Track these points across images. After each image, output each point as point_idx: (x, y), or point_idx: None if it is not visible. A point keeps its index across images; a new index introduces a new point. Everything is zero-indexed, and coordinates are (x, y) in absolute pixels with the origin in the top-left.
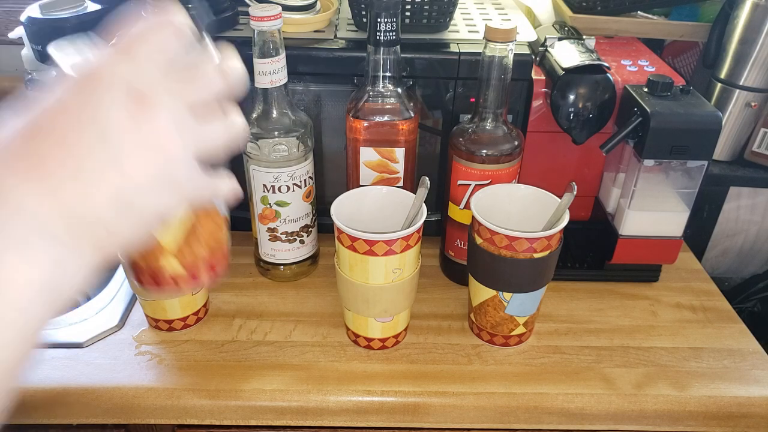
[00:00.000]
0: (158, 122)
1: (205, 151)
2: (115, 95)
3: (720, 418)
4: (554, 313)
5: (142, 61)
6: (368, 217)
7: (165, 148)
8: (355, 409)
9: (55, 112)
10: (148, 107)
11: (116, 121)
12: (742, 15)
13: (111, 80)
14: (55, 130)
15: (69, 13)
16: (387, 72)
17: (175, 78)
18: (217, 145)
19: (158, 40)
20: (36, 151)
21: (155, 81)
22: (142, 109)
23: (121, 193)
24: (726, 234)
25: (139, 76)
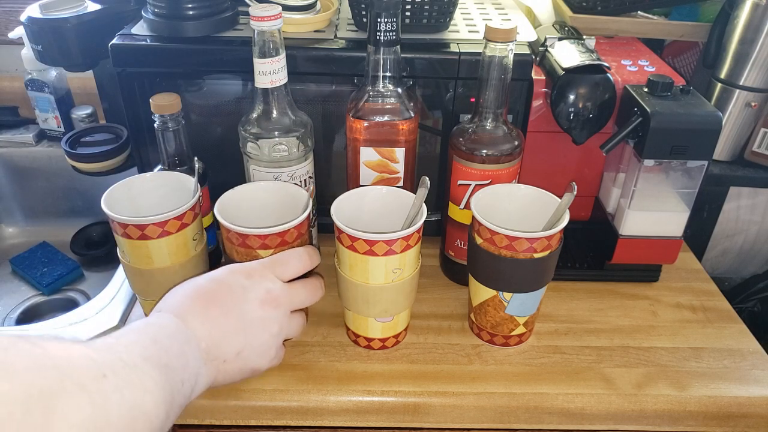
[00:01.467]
0: (276, 314)
1: (290, 335)
2: (258, 292)
3: (720, 418)
4: (554, 313)
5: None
6: (368, 217)
7: (272, 333)
8: (355, 409)
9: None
10: (273, 306)
11: (252, 306)
12: (742, 15)
13: (259, 282)
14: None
15: (69, 13)
16: (387, 72)
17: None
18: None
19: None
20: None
21: (281, 290)
22: (269, 306)
23: (242, 346)
24: (726, 234)
25: (273, 285)
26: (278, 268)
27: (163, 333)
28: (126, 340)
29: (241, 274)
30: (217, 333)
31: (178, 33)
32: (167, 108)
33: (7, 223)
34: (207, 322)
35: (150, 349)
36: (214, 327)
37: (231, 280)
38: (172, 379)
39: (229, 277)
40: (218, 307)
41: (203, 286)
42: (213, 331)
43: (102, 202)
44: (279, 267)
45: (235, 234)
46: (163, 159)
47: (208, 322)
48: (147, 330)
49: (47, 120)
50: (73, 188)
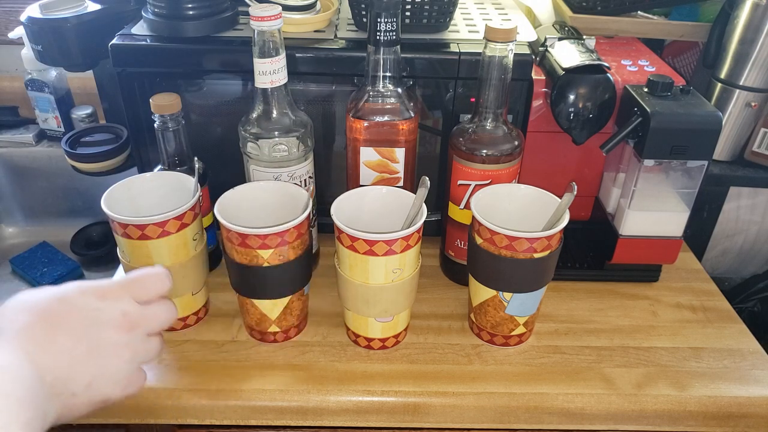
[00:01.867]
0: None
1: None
2: (113, 315)
3: (720, 418)
4: (554, 313)
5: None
6: (368, 217)
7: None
8: (355, 409)
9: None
10: (127, 330)
11: (106, 331)
12: (742, 15)
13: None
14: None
15: (69, 13)
16: (387, 72)
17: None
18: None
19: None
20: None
21: (138, 314)
22: (123, 330)
23: (92, 377)
24: (726, 234)
25: (130, 307)
26: (135, 289)
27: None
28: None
29: (93, 295)
30: (64, 365)
31: (178, 33)
32: (167, 108)
33: (7, 223)
34: (54, 353)
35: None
36: (61, 358)
37: (82, 303)
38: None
39: (79, 299)
40: (66, 334)
41: (51, 309)
42: (60, 362)
43: (102, 202)
44: (136, 287)
45: (235, 234)
46: (163, 159)
47: (54, 352)
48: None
49: (47, 120)
50: (73, 188)
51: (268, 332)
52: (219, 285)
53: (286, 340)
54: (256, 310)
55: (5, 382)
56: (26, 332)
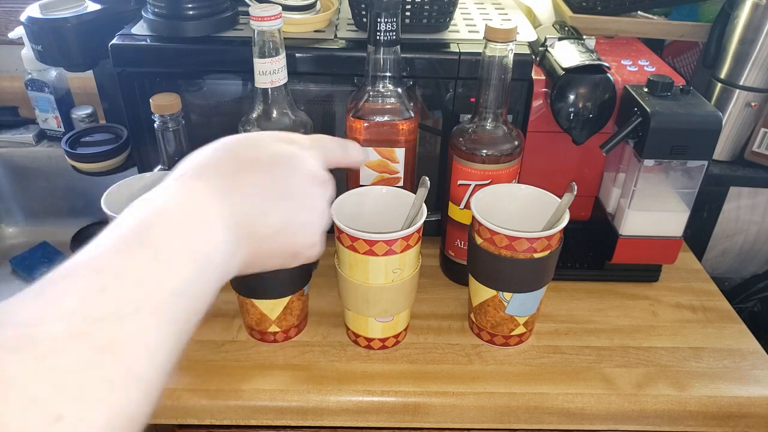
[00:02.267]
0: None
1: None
2: (311, 167)
3: (720, 418)
4: (554, 313)
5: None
6: (368, 217)
7: (321, 213)
8: (355, 409)
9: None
10: (319, 187)
11: (303, 181)
12: (742, 15)
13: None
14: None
15: (69, 13)
16: (387, 72)
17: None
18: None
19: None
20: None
21: (329, 178)
22: (316, 186)
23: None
24: (726, 234)
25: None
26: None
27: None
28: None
29: (282, 141)
30: (256, 201)
31: (178, 33)
32: (167, 108)
33: (7, 223)
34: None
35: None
36: (253, 195)
37: (276, 147)
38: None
39: (273, 143)
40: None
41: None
42: (251, 199)
43: (102, 201)
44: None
45: None
46: (163, 159)
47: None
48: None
49: (47, 120)
50: (73, 188)
51: (268, 332)
52: None
53: (286, 340)
54: (256, 310)
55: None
56: (214, 167)
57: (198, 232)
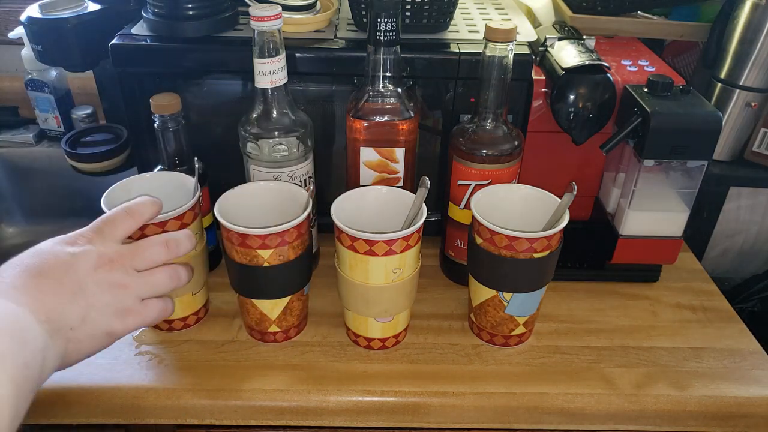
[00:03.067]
0: (114, 275)
1: (150, 293)
2: (88, 256)
3: (720, 418)
4: (554, 313)
5: (107, 239)
6: (368, 217)
7: (116, 294)
8: (355, 409)
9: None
10: (108, 266)
11: (85, 271)
12: (742, 15)
13: (86, 247)
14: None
15: (69, 13)
16: (387, 72)
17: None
18: (159, 288)
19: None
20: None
21: (114, 251)
22: (105, 267)
23: (85, 312)
24: (726, 234)
25: (104, 247)
26: (106, 229)
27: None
28: None
29: (66, 244)
30: (51, 301)
31: (178, 33)
32: (167, 108)
33: (7, 223)
34: (38, 292)
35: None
36: (47, 296)
37: (57, 250)
38: (14, 369)
39: (53, 248)
40: (47, 278)
41: (30, 262)
42: (46, 299)
43: (102, 202)
44: (107, 228)
45: (235, 234)
46: (163, 159)
47: (39, 292)
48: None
49: (47, 120)
50: (73, 188)
51: (268, 332)
52: (219, 285)
53: (286, 340)
54: (256, 310)
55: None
56: (11, 283)
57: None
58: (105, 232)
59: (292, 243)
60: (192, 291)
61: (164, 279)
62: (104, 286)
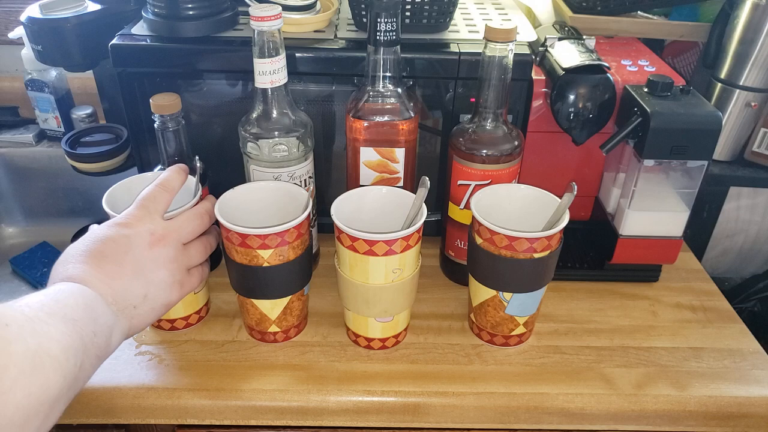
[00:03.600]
0: (166, 251)
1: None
2: (141, 236)
3: (720, 418)
4: (554, 313)
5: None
6: (368, 217)
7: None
8: (355, 409)
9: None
10: (161, 245)
11: (141, 251)
12: (742, 15)
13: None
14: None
15: (69, 13)
16: (387, 72)
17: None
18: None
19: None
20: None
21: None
22: (156, 244)
23: (146, 290)
24: (726, 234)
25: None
26: (151, 206)
27: (64, 294)
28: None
29: (120, 226)
30: (118, 285)
31: (178, 33)
32: (167, 108)
33: (7, 223)
34: (105, 277)
35: (53, 307)
36: (114, 280)
37: (113, 234)
38: (81, 331)
39: (110, 232)
40: (110, 262)
41: (90, 248)
42: (113, 284)
43: (103, 201)
44: (151, 204)
45: (235, 234)
46: (163, 159)
47: (106, 277)
48: (48, 293)
49: (47, 120)
50: (73, 188)
51: (268, 332)
52: (219, 285)
53: (286, 340)
54: (256, 310)
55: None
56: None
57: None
58: (150, 209)
59: (292, 243)
60: (194, 290)
61: (202, 249)
62: (159, 262)
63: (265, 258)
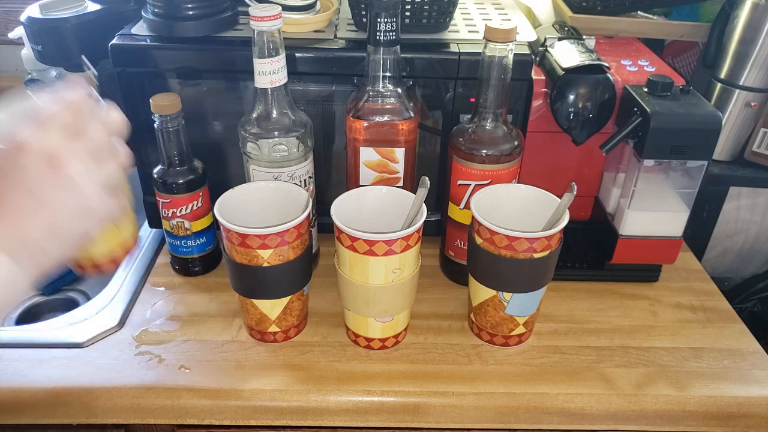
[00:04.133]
0: (68, 171)
1: (106, 181)
2: (35, 158)
3: (720, 418)
4: (554, 313)
5: (50, 131)
6: (368, 217)
7: (76, 188)
8: (355, 409)
9: None
10: (58, 163)
11: (37, 177)
12: (742, 15)
13: (30, 148)
14: None
15: (69, 13)
16: (387, 72)
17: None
18: (113, 174)
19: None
20: None
21: (61, 143)
22: (54, 165)
23: (50, 223)
24: (726, 234)
25: (50, 141)
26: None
27: None
28: None
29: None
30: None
31: (178, 33)
32: (167, 108)
33: None
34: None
35: None
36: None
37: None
38: None
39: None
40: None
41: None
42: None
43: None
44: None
45: (235, 234)
46: (163, 159)
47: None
48: None
49: None
50: None
51: (268, 332)
52: (219, 285)
53: (286, 340)
54: (256, 310)
55: None
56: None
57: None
58: (46, 125)
59: (292, 243)
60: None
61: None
62: (64, 185)
63: (265, 258)
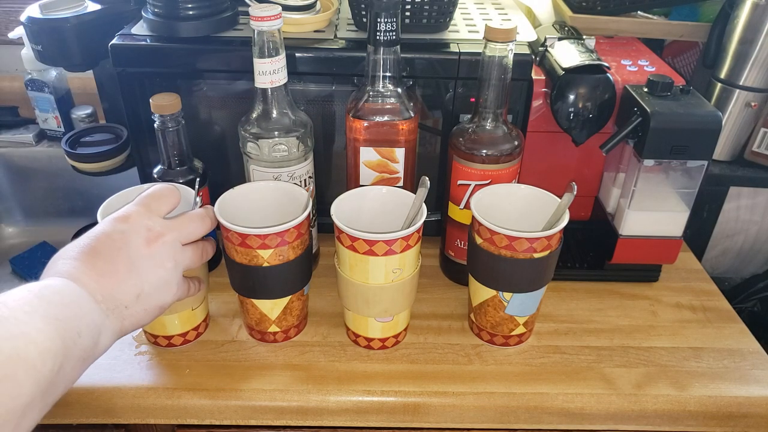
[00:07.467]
0: (163, 250)
1: (187, 266)
2: (138, 232)
3: (720, 418)
4: (554, 313)
5: (154, 213)
6: (368, 217)
7: (167, 268)
8: (355, 409)
9: (105, 242)
10: (159, 243)
11: (135, 246)
12: (742, 15)
13: (137, 223)
14: (105, 252)
15: (69, 13)
16: (387, 72)
17: (174, 224)
18: (194, 261)
19: (166, 201)
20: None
21: (161, 225)
22: (153, 241)
23: (138, 288)
24: (726, 234)
25: (152, 222)
26: (153, 204)
27: (49, 291)
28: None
29: (117, 221)
30: (109, 283)
31: (178, 33)
32: (167, 108)
33: (7, 223)
34: (96, 275)
35: (35, 304)
36: (104, 277)
37: (109, 229)
38: (64, 331)
39: (106, 228)
40: (103, 258)
41: (84, 244)
42: (104, 281)
43: (98, 213)
44: (154, 203)
45: (235, 234)
46: (163, 159)
47: (97, 275)
48: (32, 288)
49: (47, 120)
50: (73, 188)
51: (268, 332)
52: (219, 285)
53: (286, 340)
54: (256, 310)
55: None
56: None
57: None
58: (152, 207)
59: (292, 243)
60: (192, 306)
61: (199, 253)
62: (155, 260)
63: (265, 258)
